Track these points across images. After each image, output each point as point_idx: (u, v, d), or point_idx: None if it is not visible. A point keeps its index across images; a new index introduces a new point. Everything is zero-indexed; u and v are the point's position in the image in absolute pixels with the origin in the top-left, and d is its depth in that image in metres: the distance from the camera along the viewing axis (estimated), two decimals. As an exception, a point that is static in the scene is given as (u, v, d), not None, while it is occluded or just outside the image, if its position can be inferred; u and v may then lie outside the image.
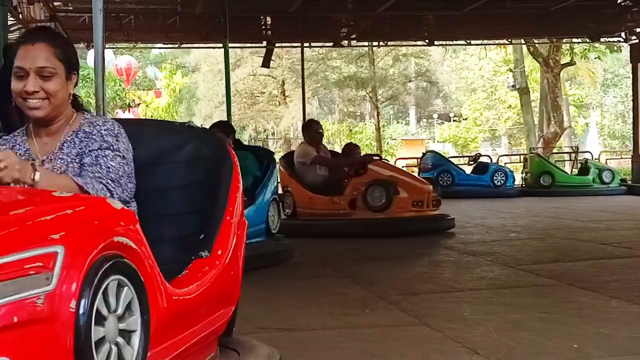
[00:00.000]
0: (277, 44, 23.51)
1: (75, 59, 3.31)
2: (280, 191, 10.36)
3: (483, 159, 22.72)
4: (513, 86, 36.70)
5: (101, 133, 3.25)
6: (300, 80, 34.31)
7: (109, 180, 3.17)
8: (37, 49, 3.16)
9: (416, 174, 22.32)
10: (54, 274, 2.14)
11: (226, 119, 12.90)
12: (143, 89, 38.58)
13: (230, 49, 31.34)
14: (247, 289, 3.99)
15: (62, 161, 3.27)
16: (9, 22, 12.75)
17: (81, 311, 2.17)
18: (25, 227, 2.23)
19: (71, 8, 18.33)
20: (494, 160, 24.97)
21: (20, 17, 14.98)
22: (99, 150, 3.23)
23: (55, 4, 17.60)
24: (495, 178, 20.58)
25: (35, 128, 3.30)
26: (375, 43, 26.93)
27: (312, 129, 11.71)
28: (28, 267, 2.11)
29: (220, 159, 3.65)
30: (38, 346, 2.12)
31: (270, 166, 9.05)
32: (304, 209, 11.23)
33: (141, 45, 26.11)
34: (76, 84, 3.31)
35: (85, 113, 3.39)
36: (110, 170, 3.19)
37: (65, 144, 3.29)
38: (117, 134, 3.28)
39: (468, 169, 21.70)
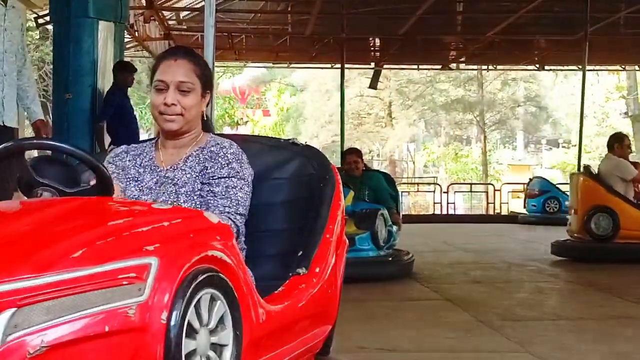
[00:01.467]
0: (385, 66, 23.54)
1: (211, 79, 3.45)
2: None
3: (592, 187, 22.23)
4: (625, 113, 35.88)
5: (227, 157, 3.34)
6: (408, 103, 34.25)
7: (237, 215, 3.26)
8: (179, 64, 3.31)
9: (522, 200, 22.06)
10: (146, 285, 2.20)
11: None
12: (251, 108, 39.15)
13: (337, 70, 31.64)
14: (346, 306, 3.99)
15: (184, 173, 3.36)
16: (125, 40, 13.11)
17: (172, 323, 2.20)
18: (121, 237, 2.32)
19: (185, 27, 18.77)
20: (604, 188, 24.43)
21: (137, 34, 15.40)
22: (227, 180, 3.32)
23: (170, 22, 18.04)
24: (604, 206, 20.11)
25: (164, 140, 3.42)
26: (484, 67, 26.73)
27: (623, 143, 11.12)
28: (121, 277, 2.17)
29: (325, 177, 3.67)
30: (128, 356, 2.16)
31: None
32: (631, 230, 10.44)
33: (251, 64, 26.51)
34: (208, 104, 3.44)
35: (212, 134, 3.50)
36: (240, 203, 3.29)
37: (189, 158, 3.38)
38: (242, 160, 3.38)
39: (576, 197, 21.27)
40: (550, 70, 28.40)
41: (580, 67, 24.03)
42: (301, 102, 43.68)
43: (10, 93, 5.97)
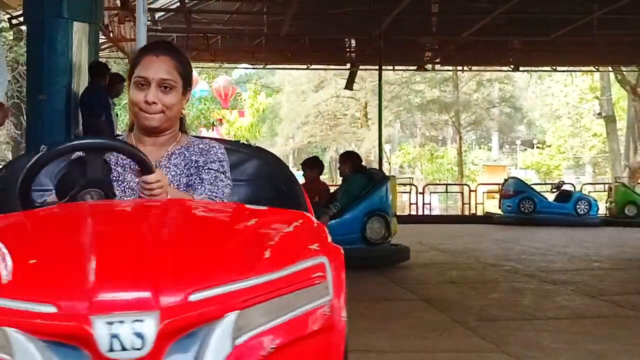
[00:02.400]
0: (360, 67, 23.57)
1: (191, 77, 3.36)
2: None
3: (566, 187, 22.37)
4: (599, 114, 36.15)
5: (218, 155, 3.33)
6: (383, 104, 34.40)
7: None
8: (161, 60, 3.22)
9: (497, 201, 22.18)
10: (328, 283, 2.21)
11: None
12: (227, 109, 39.06)
13: (313, 71, 31.66)
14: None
15: (169, 171, 3.33)
16: (100, 40, 13.05)
17: (346, 320, 2.24)
18: (285, 239, 2.33)
19: (160, 28, 18.69)
20: (578, 189, 24.58)
21: (111, 35, 15.33)
22: (217, 173, 3.30)
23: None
24: (578, 207, 20.24)
25: (141, 136, 3.34)
26: (459, 67, 26.83)
27: None
28: (314, 276, 2.18)
29: (290, 178, 3.67)
30: (325, 356, 2.18)
31: (375, 187, 10.49)
32: None
33: (227, 65, 26.47)
34: (187, 101, 3.37)
35: (190, 135, 3.45)
36: (225, 195, 3.27)
37: (173, 156, 3.35)
38: (228, 163, 3.38)
39: (550, 197, 21.38)
40: (525, 71, 28.49)
41: (554, 67, 24.26)
42: (277, 103, 43.66)
43: None
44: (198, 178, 3.31)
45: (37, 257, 2.10)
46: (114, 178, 3.28)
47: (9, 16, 12.68)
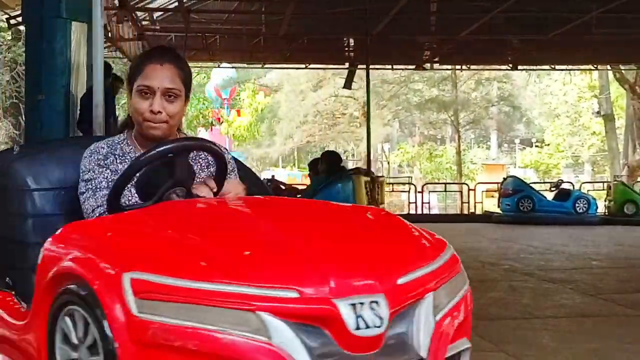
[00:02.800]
0: (359, 66, 23.57)
1: (191, 83, 3.35)
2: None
3: (565, 186, 22.37)
4: (598, 112, 36.14)
5: (208, 160, 3.35)
6: (382, 103, 34.33)
7: None
8: (165, 68, 3.20)
9: (496, 199, 22.18)
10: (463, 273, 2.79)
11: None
12: (232, 108, 39.08)
13: (312, 70, 31.66)
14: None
15: None
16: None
17: None
18: (421, 235, 2.80)
19: (158, 27, 18.71)
20: (577, 187, 24.58)
21: (110, 35, 15.33)
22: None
23: (144, 23, 17.97)
24: (577, 205, 20.25)
25: (142, 141, 3.30)
26: (458, 66, 26.83)
27: None
28: (457, 263, 2.78)
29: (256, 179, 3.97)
30: (469, 332, 2.74)
31: (330, 182, 10.62)
32: None
33: (225, 65, 26.46)
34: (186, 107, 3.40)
35: (181, 133, 3.48)
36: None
37: None
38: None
39: (549, 195, 21.38)
40: (524, 70, 28.48)
41: (553, 66, 24.27)
42: (276, 102, 43.64)
43: None
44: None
45: (249, 249, 2.45)
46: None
47: (7, 16, 12.68)
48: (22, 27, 12.14)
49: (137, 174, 3.01)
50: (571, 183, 24.50)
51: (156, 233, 2.58)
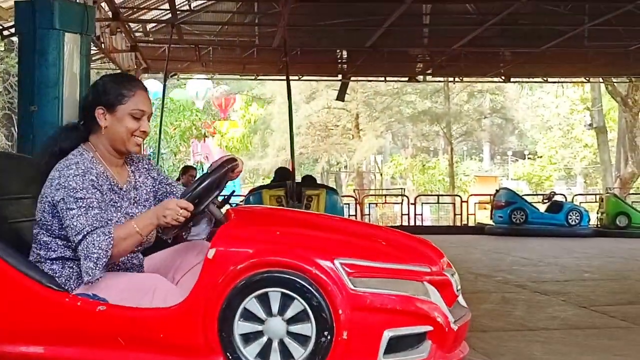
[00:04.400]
0: (352, 78, 23.58)
1: None
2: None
3: (557, 198, 22.41)
4: (590, 125, 36.22)
5: (156, 167, 4.17)
6: (375, 114, 34.36)
7: None
8: (147, 96, 3.87)
9: (489, 211, 22.19)
10: None
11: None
12: (226, 119, 38.99)
13: (305, 82, 31.69)
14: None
15: (141, 189, 3.95)
16: (92, 52, 13.04)
17: None
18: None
19: (151, 39, 18.70)
20: (569, 199, 24.63)
21: (103, 46, 15.32)
22: (170, 179, 4.21)
23: (137, 34, 17.97)
24: (569, 217, 20.29)
25: (111, 158, 3.84)
26: (450, 78, 26.88)
27: None
28: None
29: None
30: None
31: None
32: None
33: (218, 76, 26.47)
34: None
35: None
36: None
37: (135, 174, 3.95)
38: None
39: (542, 207, 21.42)
40: (516, 82, 28.54)
41: (545, 78, 24.33)
42: (268, 114, 43.62)
43: None
44: (169, 185, 4.08)
45: (381, 242, 3.80)
46: (112, 203, 3.77)
47: (0, 27, 12.68)
48: (14, 38, 12.14)
49: (201, 186, 3.73)
50: (563, 195, 24.56)
51: (315, 232, 3.74)
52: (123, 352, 3.53)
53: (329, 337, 3.33)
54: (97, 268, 3.54)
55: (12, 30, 10.78)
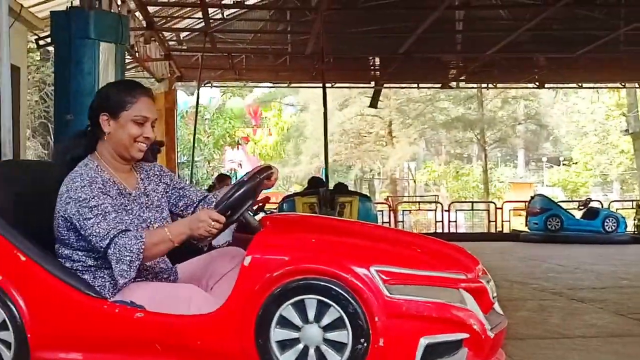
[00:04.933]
0: (385, 85, 23.57)
1: None
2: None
3: (593, 204, 22.22)
4: (626, 130, 35.90)
5: (169, 173, 4.21)
6: (408, 121, 34.27)
7: None
8: (151, 102, 3.92)
9: (524, 218, 22.05)
10: None
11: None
12: (258, 126, 39.20)
13: (338, 89, 31.72)
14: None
15: (154, 194, 4.02)
16: (126, 60, 13.13)
17: None
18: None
19: (185, 47, 18.81)
20: (605, 206, 24.41)
21: (137, 55, 15.43)
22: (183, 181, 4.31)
23: (170, 43, 18.08)
24: (606, 224, 20.09)
25: (117, 164, 3.91)
26: (484, 85, 26.77)
27: None
28: None
29: None
30: None
31: None
32: None
33: (251, 84, 26.59)
34: None
35: None
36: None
37: (145, 180, 4.02)
38: None
39: (578, 214, 21.25)
40: (550, 88, 28.36)
41: (580, 84, 24.16)
42: (301, 121, 43.69)
43: None
44: (182, 188, 4.12)
45: (416, 249, 3.81)
46: (123, 207, 3.83)
47: (36, 37, 12.79)
48: (50, 48, 12.26)
49: (235, 196, 3.73)
50: (600, 202, 24.35)
51: (350, 239, 3.75)
52: (160, 358, 3.57)
53: (365, 345, 3.35)
54: (131, 270, 3.61)
55: (48, 40, 10.86)
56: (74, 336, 3.72)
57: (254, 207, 4.00)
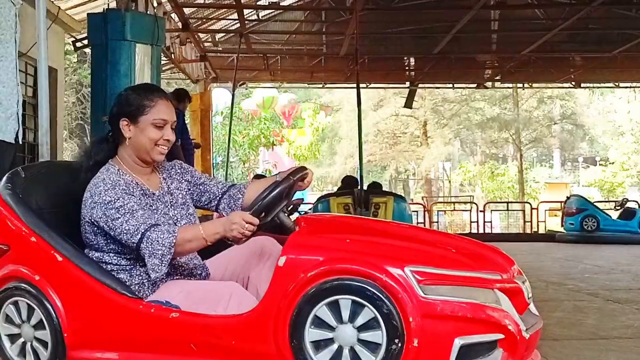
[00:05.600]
0: (420, 85, 23.53)
1: None
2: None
3: (630, 204, 22.01)
4: (664, 130, 35.56)
5: (189, 169, 4.22)
6: (443, 121, 34.18)
7: None
8: (169, 105, 3.96)
9: (559, 218, 21.89)
10: None
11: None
12: (290, 127, 39.23)
13: (373, 89, 31.72)
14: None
15: (178, 193, 4.06)
16: (162, 62, 13.22)
17: None
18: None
19: (220, 49, 18.90)
20: (642, 206, 24.18)
21: (173, 57, 15.54)
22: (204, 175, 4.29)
23: (206, 44, 18.18)
24: (643, 224, 19.89)
25: (138, 168, 3.95)
26: (519, 85, 26.64)
27: None
28: None
29: None
30: None
31: None
32: None
33: (286, 85, 26.65)
34: None
35: None
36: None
37: (167, 180, 4.07)
38: None
39: (614, 214, 21.05)
40: (586, 87, 28.15)
41: (617, 83, 23.96)
42: (336, 122, 43.71)
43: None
44: (204, 183, 4.16)
45: (450, 249, 3.80)
46: (149, 207, 3.87)
47: (73, 39, 12.93)
48: (87, 50, 12.39)
49: (269, 197, 3.75)
50: (636, 202, 24.10)
51: (385, 240, 3.77)
52: (195, 358, 3.60)
53: (399, 345, 3.35)
54: (163, 264, 3.65)
55: (85, 42, 10.97)
56: (110, 336, 3.77)
57: (289, 208, 4.00)
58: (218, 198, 4.16)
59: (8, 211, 3.94)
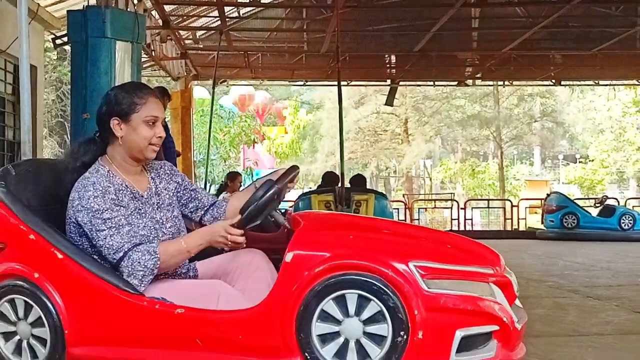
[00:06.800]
0: (401, 83, 23.54)
1: None
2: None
3: (610, 202, 22.12)
4: (643, 128, 35.76)
5: (179, 172, 4.22)
6: (424, 119, 34.26)
7: None
8: (159, 102, 3.95)
9: (540, 216, 21.97)
10: None
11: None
12: (268, 125, 39.18)
13: (354, 87, 31.73)
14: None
15: (165, 194, 4.04)
16: (142, 59, 13.17)
17: None
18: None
19: (201, 46, 18.84)
20: (622, 203, 24.30)
21: (153, 54, 15.47)
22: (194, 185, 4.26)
23: (187, 42, 18.12)
24: (622, 221, 19.99)
25: (127, 166, 3.92)
26: (500, 82, 26.70)
27: None
28: None
29: None
30: None
31: None
32: None
33: (267, 82, 26.61)
34: None
35: None
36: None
37: (155, 180, 4.04)
38: None
39: (594, 212, 21.16)
40: (566, 85, 28.26)
41: (596, 81, 24.06)
42: (317, 119, 43.70)
43: None
44: (193, 190, 4.16)
45: (447, 245, 4.01)
46: (137, 210, 3.86)
47: (53, 36, 12.86)
48: (67, 47, 12.32)
49: (259, 203, 3.78)
50: (616, 199, 24.24)
51: (386, 236, 3.95)
52: (202, 353, 3.65)
53: (405, 337, 3.50)
54: (142, 285, 3.67)
55: (65, 39, 10.90)
56: (112, 332, 3.77)
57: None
58: (205, 208, 4.18)
59: (3, 209, 3.92)
